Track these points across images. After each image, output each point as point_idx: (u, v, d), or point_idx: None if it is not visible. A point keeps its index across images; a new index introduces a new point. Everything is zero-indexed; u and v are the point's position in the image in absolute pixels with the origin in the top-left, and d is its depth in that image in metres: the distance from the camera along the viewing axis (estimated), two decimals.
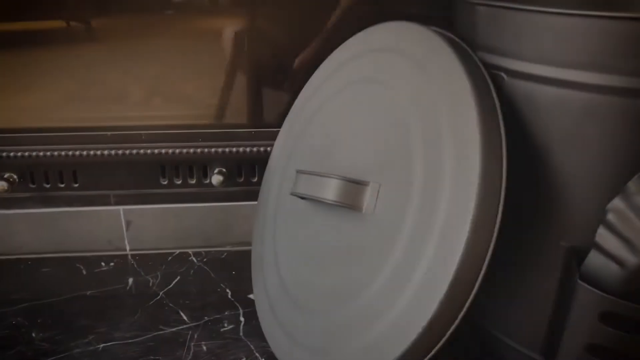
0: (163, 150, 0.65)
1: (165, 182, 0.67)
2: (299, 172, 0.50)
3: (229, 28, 0.64)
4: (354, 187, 0.45)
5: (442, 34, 0.45)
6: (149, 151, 0.65)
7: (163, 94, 0.65)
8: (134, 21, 0.63)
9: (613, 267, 0.36)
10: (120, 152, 0.65)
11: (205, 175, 0.67)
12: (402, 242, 0.41)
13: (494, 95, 0.40)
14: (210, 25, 0.64)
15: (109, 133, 0.65)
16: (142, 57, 0.63)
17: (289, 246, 0.53)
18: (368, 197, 0.44)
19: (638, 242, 0.34)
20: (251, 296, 0.61)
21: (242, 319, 0.58)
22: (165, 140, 0.65)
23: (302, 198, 0.50)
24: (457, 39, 0.45)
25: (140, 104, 0.65)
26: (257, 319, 0.55)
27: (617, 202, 0.35)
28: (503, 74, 0.41)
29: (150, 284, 0.64)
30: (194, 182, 0.67)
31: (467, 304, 0.38)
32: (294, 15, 0.64)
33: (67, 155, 0.65)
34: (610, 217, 0.35)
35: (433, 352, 0.39)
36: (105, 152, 0.65)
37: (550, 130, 0.39)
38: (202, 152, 0.65)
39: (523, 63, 0.39)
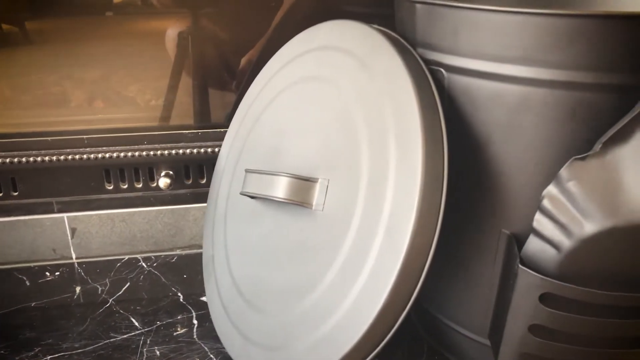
0: (107, 154, 0.63)
1: (111, 187, 0.66)
2: (248, 171, 0.50)
3: (172, 29, 0.63)
4: (303, 184, 0.45)
5: (383, 32, 0.46)
6: (92, 156, 0.63)
7: (105, 97, 0.64)
8: (73, 23, 0.61)
9: (550, 251, 0.38)
10: (62, 157, 0.63)
11: (152, 179, 0.66)
12: (351, 236, 0.41)
13: (434, 90, 0.42)
14: (153, 27, 0.63)
15: (49, 138, 0.62)
16: (82, 60, 0.62)
17: (240, 246, 0.53)
18: (317, 194, 0.45)
19: (572, 226, 0.36)
20: (204, 298, 0.61)
21: (195, 321, 0.58)
22: (109, 144, 0.63)
23: (252, 197, 0.51)
24: (398, 37, 0.46)
25: (81, 107, 0.64)
26: (210, 321, 0.54)
27: (551, 189, 0.37)
28: (442, 70, 0.42)
29: (99, 292, 0.62)
30: (140, 185, 0.66)
31: (415, 293, 0.40)
32: (238, 15, 0.63)
33: (4, 162, 0.62)
34: (546, 203, 0.37)
35: (385, 340, 0.40)
36: (46, 157, 0.63)
37: (488, 123, 0.40)
38: (147, 155, 0.64)
39: (461, 59, 0.41)
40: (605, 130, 0.36)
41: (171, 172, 0.66)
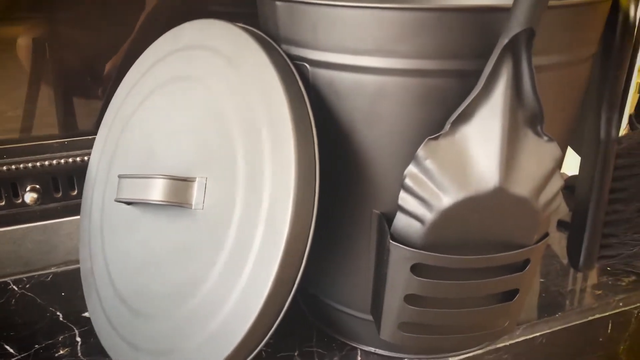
0: None
1: None
2: (121, 177, 0.49)
3: (25, 36, 0.59)
4: (180, 185, 0.45)
5: (248, 30, 0.47)
6: None
7: None
8: None
9: (415, 224, 0.41)
10: None
11: (17, 195, 0.62)
12: (233, 230, 0.42)
13: (300, 84, 0.44)
14: (4, 33, 0.59)
15: None
16: None
17: (120, 255, 0.51)
18: (196, 193, 0.45)
19: (432, 200, 0.40)
20: (86, 314, 0.58)
21: (78, 339, 0.55)
22: None
23: (129, 204, 0.49)
24: (262, 34, 0.47)
25: None
26: (95, 336, 0.52)
27: (411, 168, 0.40)
28: (306, 64, 0.44)
29: None
30: (3, 203, 0.61)
31: (297, 278, 0.42)
32: (98, 18, 0.61)
33: None
34: (408, 181, 0.41)
35: (274, 326, 0.42)
36: None
37: (351, 112, 0.43)
38: (9, 170, 0.60)
39: (322, 53, 0.43)
40: (452, 112, 0.40)
41: (38, 186, 0.62)
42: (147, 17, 0.62)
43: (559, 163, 0.42)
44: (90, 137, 0.60)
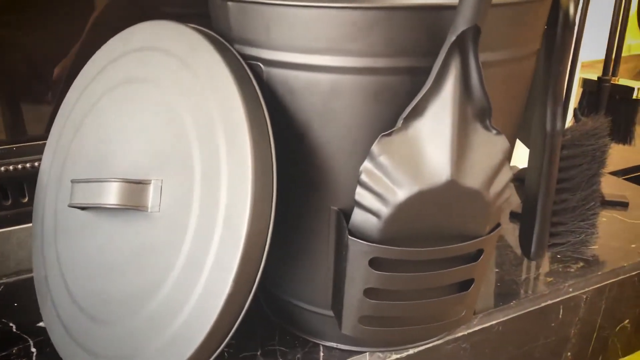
0: None
1: None
2: (74, 182, 0.48)
3: None
4: (135, 187, 0.44)
5: (201, 31, 0.47)
6: None
7: None
8: None
9: (372, 219, 0.42)
10: None
11: None
12: (191, 232, 0.42)
13: (255, 84, 0.44)
14: None
15: None
16: None
17: (76, 262, 0.50)
18: (152, 195, 0.45)
19: (387, 195, 0.41)
20: (41, 324, 0.56)
21: (33, 349, 0.54)
22: None
23: (83, 208, 0.48)
24: (214, 35, 0.47)
25: None
26: (51, 345, 0.51)
27: (366, 164, 0.41)
28: (260, 64, 0.45)
29: None
30: None
31: (257, 277, 0.42)
32: (45, 21, 0.60)
33: None
34: (363, 177, 0.41)
35: (235, 326, 0.42)
36: None
37: (306, 110, 0.44)
38: None
39: (276, 52, 0.43)
40: (405, 108, 0.41)
41: None
42: (96, 19, 0.61)
43: (508, 155, 0.43)
44: (40, 142, 0.59)
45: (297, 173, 0.46)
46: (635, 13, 1.72)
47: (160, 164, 0.45)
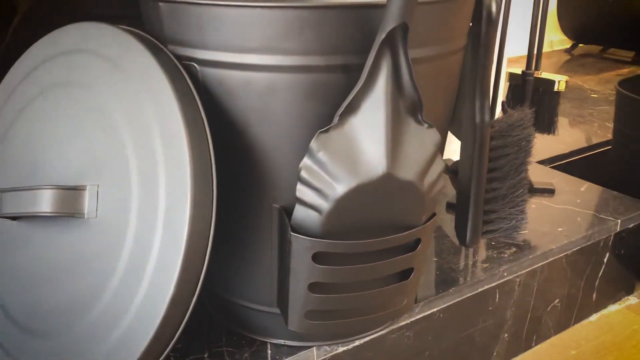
0: None
1: None
2: (3, 191, 0.46)
3: None
4: (70, 194, 0.43)
5: (132, 32, 0.46)
6: None
7: None
8: None
9: (313, 214, 0.43)
10: None
11: None
12: (130, 237, 0.41)
13: (190, 84, 0.44)
14: None
15: None
16: None
17: (8, 275, 0.48)
18: (88, 201, 0.43)
19: (327, 190, 0.42)
20: None
21: None
22: None
23: (14, 218, 0.47)
24: (147, 36, 0.47)
25: None
26: None
27: (305, 161, 0.42)
28: (195, 64, 0.44)
29: None
30: None
31: (200, 279, 0.42)
32: None
33: None
34: (303, 173, 0.42)
35: (179, 330, 0.42)
36: None
37: (244, 109, 0.44)
38: None
39: (210, 52, 0.43)
40: (340, 105, 0.42)
41: None
42: (21, 21, 0.59)
43: (440, 147, 0.45)
44: None
45: (237, 173, 0.47)
46: (555, 10, 1.82)
47: (95, 169, 0.44)
